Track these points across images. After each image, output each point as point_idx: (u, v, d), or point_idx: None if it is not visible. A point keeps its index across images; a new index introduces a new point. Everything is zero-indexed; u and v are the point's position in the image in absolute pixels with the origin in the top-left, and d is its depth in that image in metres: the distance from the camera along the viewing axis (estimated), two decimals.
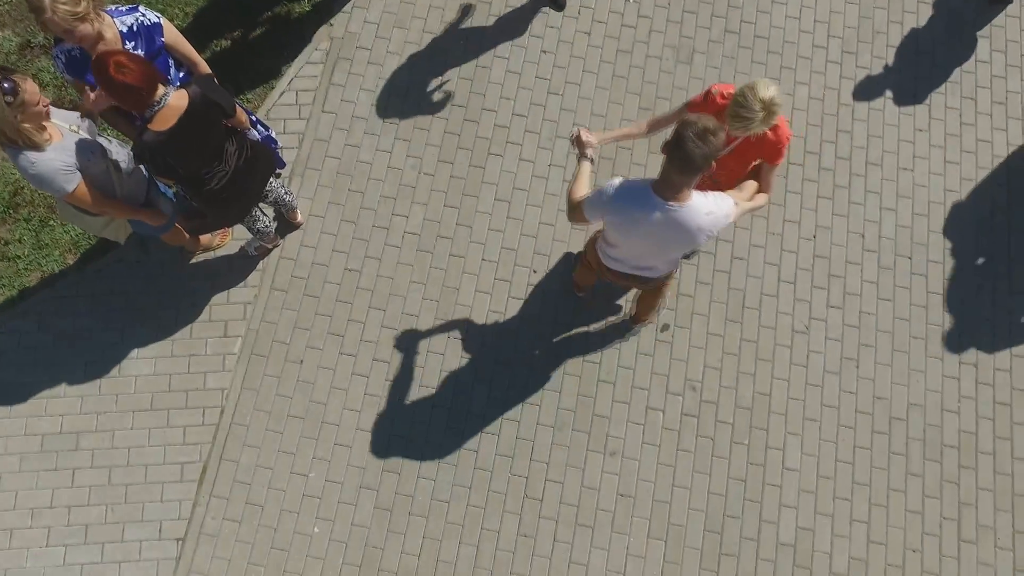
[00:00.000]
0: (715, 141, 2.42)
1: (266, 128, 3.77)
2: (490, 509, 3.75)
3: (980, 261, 4.17)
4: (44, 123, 2.65)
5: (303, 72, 4.42)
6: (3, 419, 3.84)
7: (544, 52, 4.49)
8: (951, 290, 4.12)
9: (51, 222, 4.16)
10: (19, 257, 4.10)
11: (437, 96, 4.38)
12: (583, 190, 2.85)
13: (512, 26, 4.51)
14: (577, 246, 4.14)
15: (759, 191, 3.08)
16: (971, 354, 4.02)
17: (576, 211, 2.83)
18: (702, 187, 2.76)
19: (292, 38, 4.51)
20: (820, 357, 4.00)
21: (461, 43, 4.50)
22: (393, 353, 3.96)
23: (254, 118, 3.66)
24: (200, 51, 4.23)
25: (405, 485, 3.77)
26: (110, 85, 2.52)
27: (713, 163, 2.48)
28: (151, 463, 3.79)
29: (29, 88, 2.52)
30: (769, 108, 2.69)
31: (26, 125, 2.55)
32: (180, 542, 3.68)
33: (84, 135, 2.82)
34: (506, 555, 3.69)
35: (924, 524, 3.77)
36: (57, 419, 3.84)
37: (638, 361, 3.97)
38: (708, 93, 3.02)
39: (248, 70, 4.41)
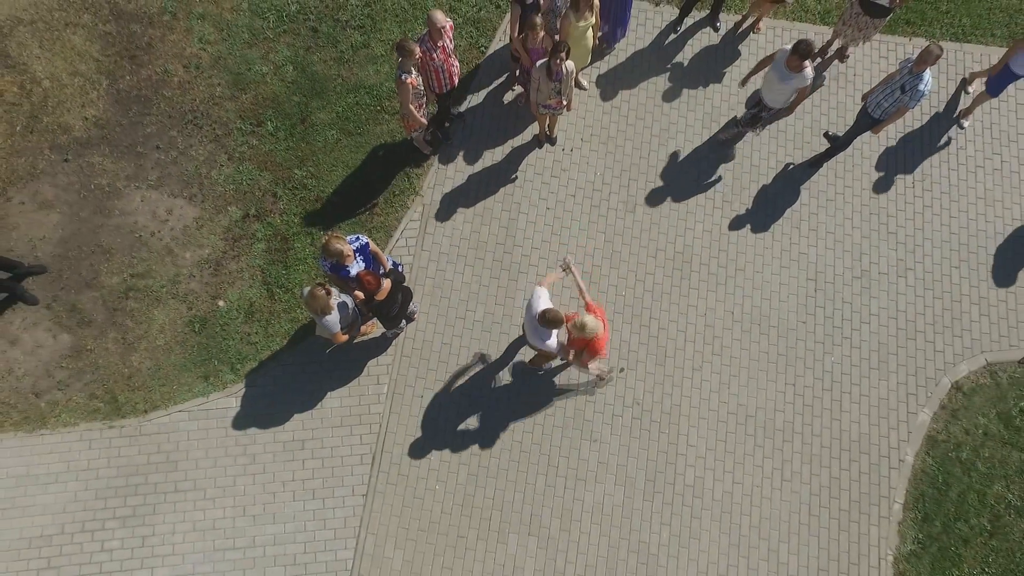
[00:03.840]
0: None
1: (399, 265, 6.94)
2: (530, 472, 6.92)
3: (802, 329, 7.37)
4: (332, 300, 5.79)
5: (408, 227, 7.59)
6: (261, 432, 6.98)
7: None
8: (782, 347, 7.32)
9: (272, 322, 7.31)
10: (257, 343, 7.25)
11: (486, 241, 7.55)
12: (547, 281, 6.00)
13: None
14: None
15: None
16: (792, 378, 7.23)
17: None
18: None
19: (399, 205, 7.67)
20: (708, 383, 7.20)
21: (498, 204, 7.68)
22: (472, 389, 7.13)
23: (398, 265, 6.81)
24: (346, 215, 7.39)
25: (483, 461, 6.94)
26: (363, 289, 5.68)
27: None
28: (345, 455, 6.94)
29: (331, 291, 5.69)
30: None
31: (328, 304, 5.72)
32: (364, 496, 6.83)
33: (342, 299, 5.98)
34: (540, 496, 6.87)
35: (763, 472, 6.97)
36: (290, 432, 6.99)
37: (607, 391, 7.16)
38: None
39: (376, 228, 7.57)
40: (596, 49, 8.07)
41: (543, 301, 5.82)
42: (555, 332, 5.82)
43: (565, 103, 6.91)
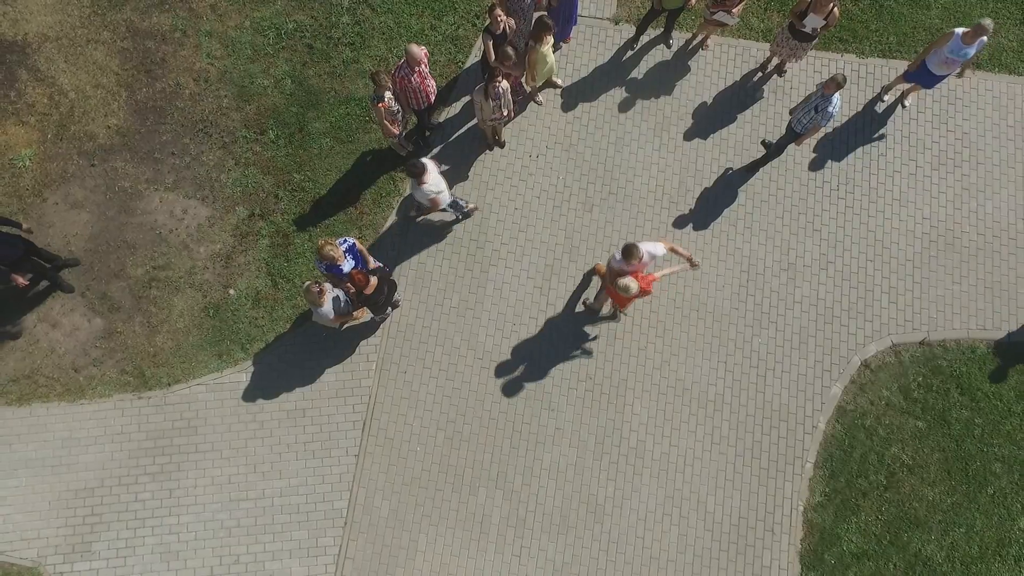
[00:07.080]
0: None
1: (384, 266, 8.07)
2: (498, 436, 8.12)
3: (734, 314, 8.52)
4: (324, 296, 6.93)
5: (393, 224, 8.68)
6: (268, 402, 8.16)
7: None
8: (716, 329, 8.47)
9: (276, 308, 8.45)
10: (263, 326, 8.40)
11: (460, 237, 8.65)
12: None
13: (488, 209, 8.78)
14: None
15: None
16: (723, 357, 8.40)
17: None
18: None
19: (386, 205, 8.76)
20: (651, 360, 8.37)
21: (472, 205, 8.76)
22: (448, 366, 8.30)
23: (384, 266, 7.93)
24: (339, 214, 8.48)
25: (458, 427, 8.13)
26: (355, 285, 6.81)
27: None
28: (339, 422, 8.14)
29: (325, 288, 6.81)
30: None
31: (320, 299, 6.86)
32: (356, 456, 8.05)
33: (336, 293, 7.12)
34: (505, 456, 8.09)
35: (695, 437, 8.19)
36: (293, 402, 8.18)
37: (564, 366, 8.33)
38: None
39: (366, 225, 8.68)
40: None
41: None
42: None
43: (506, 114, 7.98)
